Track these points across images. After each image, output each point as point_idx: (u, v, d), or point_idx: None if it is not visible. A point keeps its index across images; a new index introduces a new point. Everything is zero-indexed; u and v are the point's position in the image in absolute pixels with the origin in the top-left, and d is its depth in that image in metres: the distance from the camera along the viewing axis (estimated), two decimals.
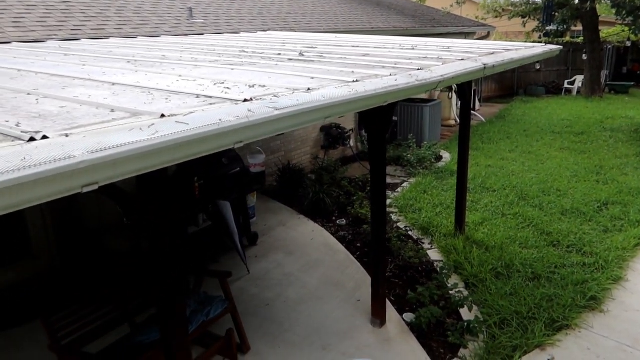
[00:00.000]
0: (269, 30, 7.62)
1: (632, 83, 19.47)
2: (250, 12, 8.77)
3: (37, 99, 1.88)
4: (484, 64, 3.27)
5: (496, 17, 20.30)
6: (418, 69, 2.71)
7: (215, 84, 2.14)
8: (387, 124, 3.69)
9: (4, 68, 2.93)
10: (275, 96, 1.79)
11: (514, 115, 15.02)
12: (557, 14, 17.05)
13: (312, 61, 3.12)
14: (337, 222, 7.15)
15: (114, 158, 1.19)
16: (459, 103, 13.46)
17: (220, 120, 1.44)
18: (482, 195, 7.88)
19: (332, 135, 9.94)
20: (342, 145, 10.07)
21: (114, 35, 5.66)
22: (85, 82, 2.29)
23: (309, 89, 1.93)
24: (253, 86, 2.06)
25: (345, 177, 8.78)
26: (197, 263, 5.61)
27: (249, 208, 6.66)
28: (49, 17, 5.76)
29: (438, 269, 5.59)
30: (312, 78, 2.24)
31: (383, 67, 2.91)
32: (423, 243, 6.38)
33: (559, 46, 5.30)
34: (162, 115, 1.49)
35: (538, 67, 19.40)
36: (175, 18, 7.08)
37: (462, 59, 3.29)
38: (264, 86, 2.06)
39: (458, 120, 13.52)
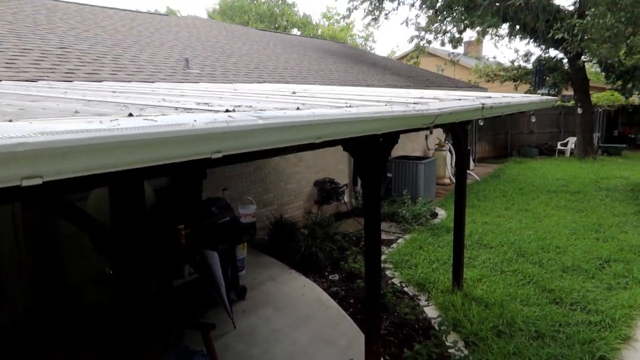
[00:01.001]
0: (264, 82, 7.66)
1: (625, 145, 19.76)
2: (246, 66, 8.88)
3: None
4: (482, 104, 3.18)
5: (488, 80, 20.88)
6: (415, 103, 2.61)
7: (198, 104, 2.00)
8: (382, 166, 3.54)
9: None
10: (261, 110, 1.64)
11: (508, 174, 15.03)
12: (548, 77, 17.53)
13: (305, 97, 3.02)
14: (330, 277, 6.86)
15: (63, 145, 1.00)
16: (454, 162, 13.51)
17: (195, 121, 1.27)
18: (479, 252, 7.65)
19: (325, 190, 9.81)
20: (335, 201, 9.92)
21: (107, 79, 5.62)
22: (59, 99, 2.15)
23: (298, 108, 1.79)
24: (239, 105, 1.91)
25: (338, 232, 8.56)
26: (180, 315, 5.27)
27: (238, 260, 6.39)
28: (43, 60, 5.74)
29: (436, 326, 5.27)
30: (303, 104, 2.11)
31: (378, 101, 2.81)
32: (419, 299, 6.08)
33: (554, 97, 5.31)
34: (130, 115, 1.33)
35: (533, 120, 19.64)
36: (171, 67, 7.11)
37: (459, 99, 3.22)
38: (251, 106, 1.92)
39: (453, 179, 13.52)
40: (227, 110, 1.54)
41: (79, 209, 1.97)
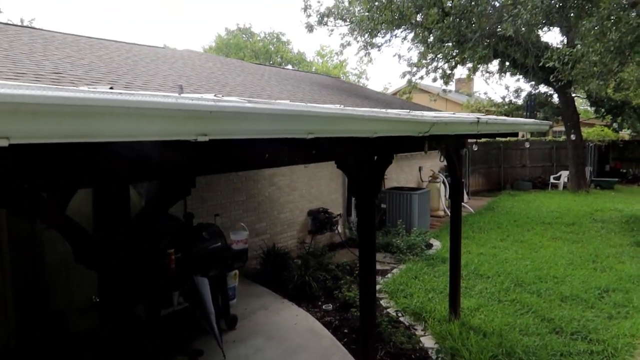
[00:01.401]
0: None
1: (617, 179, 19.89)
2: (241, 94, 8.89)
3: None
4: (478, 117, 3.15)
5: None
6: (409, 111, 2.56)
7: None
8: (377, 186, 3.47)
9: None
10: (252, 98, 1.58)
11: (502, 207, 15.00)
12: (539, 112, 17.77)
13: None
14: (323, 307, 6.68)
15: (35, 102, 0.91)
16: (447, 194, 13.48)
17: (179, 95, 1.20)
18: (475, 282, 7.51)
19: (319, 219, 9.71)
20: (329, 231, 9.80)
21: None
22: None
23: (290, 100, 1.73)
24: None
25: (332, 262, 8.40)
26: (168, 343, 5.06)
27: (229, 288, 6.21)
28: (37, 83, 5.69)
29: (433, 356, 5.09)
30: (299, 103, 2.06)
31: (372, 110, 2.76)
32: (416, 329, 5.90)
33: (548, 121, 5.33)
34: (111, 88, 1.26)
35: (527, 145, 19.75)
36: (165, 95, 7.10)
37: (455, 113, 3.18)
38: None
39: (447, 211, 13.45)
40: (215, 95, 1.47)
41: (59, 210, 1.87)
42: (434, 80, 17.40)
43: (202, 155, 1.90)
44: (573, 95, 16.45)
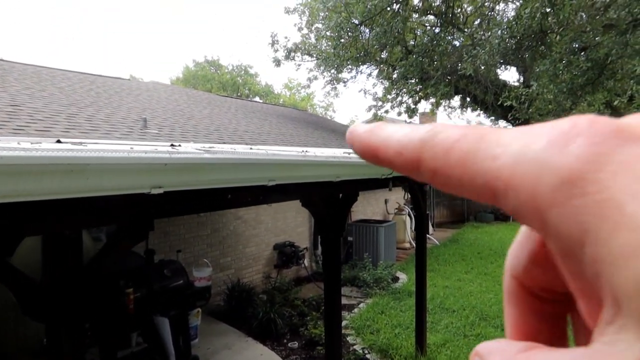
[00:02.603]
0: (224, 143, 7.61)
1: None
2: (206, 128, 8.84)
3: None
4: None
5: None
6: None
7: (144, 139, 1.89)
8: (342, 224, 3.46)
9: None
10: (211, 147, 1.55)
11: (466, 239, 15.22)
12: None
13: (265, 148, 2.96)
14: (289, 344, 6.53)
15: None
16: (413, 226, 13.60)
17: (131, 148, 1.16)
18: (441, 316, 7.52)
19: (285, 253, 9.60)
20: (296, 265, 9.70)
21: (60, 136, 5.42)
22: None
23: (251, 148, 1.71)
24: (191, 146, 1.82)
25: (298, 297, 8.28)
26: None
27: (191, 327, 6.01)
28: None
29: None
30: (259, 149, 2.04)
31: (335, 151, 2.77)
32: None
33: None
34: (58, 141, 1.20)
35: None
36: (128, 127, 6.97)
37: None
38: (204, 146, 1.83)
39: (413, 243, 13.54)
40: (172, 145, 1.44)
41: (2, 260, 1.77)
42: (399, 114, 17.76)
43: (160, 201, 1.84)
44: None
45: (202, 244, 7.95)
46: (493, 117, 17.89)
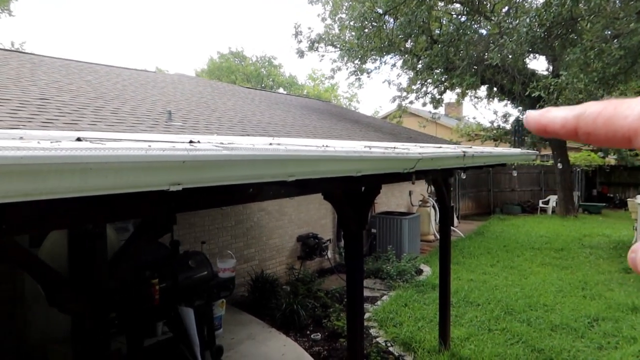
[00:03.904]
0: (247, 135, 7.64)
1: (604, 204, 20.04)
2: (230, 120, 8.90)
3: None
4: (464, 151, 3.14)
5: (469, 140, 21.32)
6: (394, 147, 2.54)
7: (162, 137, 1.90)
8: (364, 217, 3.43)
9: None
10: (230, 143, 1.55)
11: (492, 231, 15.00)
12: (526, 137, 17.95)
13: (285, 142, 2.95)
14: (312, 336, 6.56)
15: None
16: (437, 218, 13.48)
17: (149, 146, 1.16)
18: (465, 310, 7.43)
19: (309, 245, 9.62)
20: (319, 256, 9.71)
21: (86, 129, 5.53)
22: (15, 136, 2.03)
23: (270, 144, 1.70)
24: (209, 141, 1.82)
25: (321, 289, 8.30)
26: None
27: (215, 318, 6.09)
28: (21, 110, 5.65)
29: None
30: (279, 144, 2.02)
31: (356, 145, 2.74)
32: None
33: (534, 151, 5.36)
34: (78, 139, 1.21)
35: (515, 175, 19.89)
36: (154, 120, 7.07)
37: (440, 147, 3.18)
38: (221, 143, 1.82)
39: (437, 236, 13.41)
40: (190, 142, 1.44)
41: (29, 252, 1.81)
42: (424, 104, 17.58)
43: (182, 195, 1.84)
44: None
45: (227, 235, 8.03)
46: (521, 107, 17.52)
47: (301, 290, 7.93)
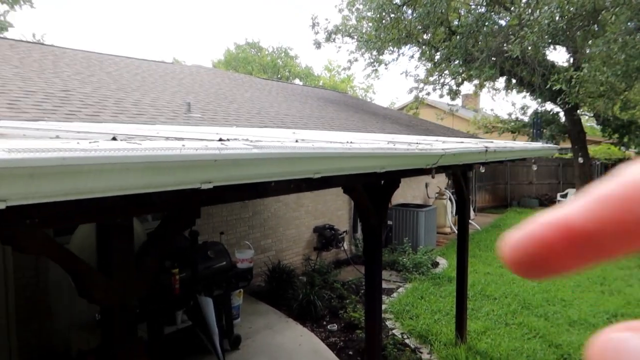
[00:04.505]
0: (265, 127, 7.68)
1: None
2: (248, 112, 8.94)
3: None
4: (486, 147, 3.13)
5: (486, 132, 21.08)
6: (417, 143, 2.55)
7: (191, 133, 1.93)
8: (384, 210, 3.44)
9: None
10: (258, 141, 1.57)
11: (509, 224, 14.87)
12: (545, 130, 17.69)
13: (306, 138, 2.97)
14: (328, 327, 6.61)
15: (31, 165, 0.90)
16: (454, 210, 13.40)
17: (183, 145, 1.19)
18: (482, 303, 7.42)
19: (325, 236, 9.66)
20: (335, 247, 9.75)
21: (108, 121, 5.62)
22: (47, 130, 2.08)
23: (297, 141, 1.72)
24: (236, 138, 1.85)
25: (337, 280, 8.35)
26: None
27: (234, 307, 6.18)
28: (45, 102, 5.76)
29: None
30: (303, 139, 2.04)
31: (379, 141, 2.75)
32: (421, 352, 5.82)
33: (555, 145, 5.30)
34: (114, 139, 1.24)
35: (535, 168, 19.64)
36: (173, 111, 7.14)
37: (462, 142, 3.17)
38: (247, 139, 1.85)
39: (453, 228, 13.36)
40: (220, 140, 1.46)
41: (60, 245, 1.86)
42: (441, 96, 17.41)
43: (211, 190, 1.88)
44: (580, 114, 16.40)
45: (244, 226, 8.10)
46: (540, 100, 17.25)
47: (317, 281, 7.98)
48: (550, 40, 9.20)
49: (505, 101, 78.90)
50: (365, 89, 38.00)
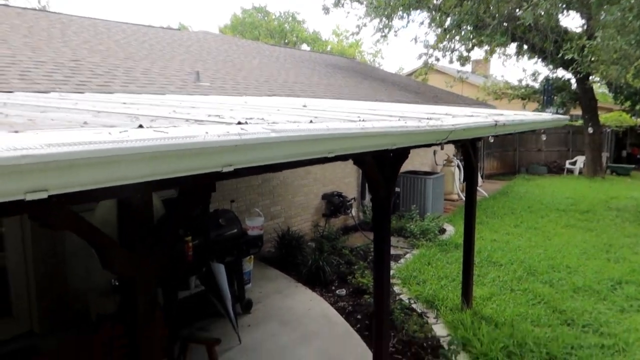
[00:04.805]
0: (274, 95, 7.68)
1: (633, 166, 19.60)
2: (257, 80, 8.92)
3: (6, 115, 1.71)
4: (495, 121, 3.15)
5: (496, 98, 20.85)
6: (428, 118, 2.58)
7: (209, 115, 1.99)
8: (392, 181, 3.51)
9: None
10: (274, 122, 1.62)
11: (517, 191, 14.91)
12: (556, 97, 17.46)
13: (316, 110, 3.00)
14: (337, 291, 6.79)
15: (69, 158, 0.98)
16: (462, 177, 13.43)
17: (206, 133, 1.25)
18: (488, 269, 7.55)
19: (333, 203, 9.77)
20: (343, 214, 9.87)
21: (119, 91, 5.66)
22: (69, 110, 2.14)
23: (311, 121, 1.77)
24: (251, 118, 1.90)
25: (346, 246, 8.51)
26: (184, 329, 5.22)
27: (245, 273, 6.34)
28: (56, 72, 5.79)
29: (445, 345, 5.18)
30: (316, 117, 2.09)
31: (390, 115, 2.78)
32: (428, 317, 5.99)
33: (566, 116, 5.28)
34: (140, 126, 1.31)
35: (544, 138, 19.51)
36: (182, 80, 7.15)
37: (472, 115, 3.19)
38: (263, 118, 1.90)
39: (461, 195, 13.43)
40: (239, 123, 1.52)
41: (85, 221, 1.95)
42: (450, 62, 17.18)
43: (225, 173, 1.95)
44: (592, 81, 16.12)
45: (254, 194, 8.21)
46: (551, 66, 16.97)
47: (326, 247, 8.14)
48: (564, 6, 8.98)
49: (515, 67, 77.37)
50: (373, 54, 37.44)
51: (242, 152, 1.36)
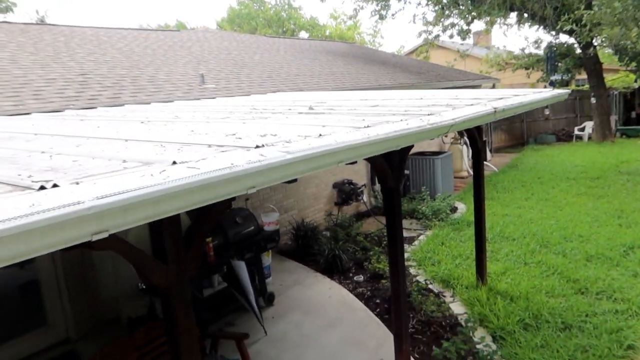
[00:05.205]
0: (278, 91, 7.82)
1: None
2: (260, 76, 9.05)
3: (50, 156, 1.89)
4: (494, 108, 3.28)
5: (500, 70, 20.74)
6: (429, 114, 2.72)
7: (227, 136, 2.15)
8: (400, 171, 3.65)
9: (21, 133, 3.00)
10: (287, 142, 1.79)
11: (526, 163, 14.95)
12: (560, 63, 17.35)
13: (322, 113, 3.15)
14: (355, 278, 6.98)
15: (124, 204, 1.16)
16: (470, 154, 13.50)
17: (232, 164, 1.42)
18: (501, 245, 7.69)
19: (344, 191, 9.93)
20: (355, 201, 10.04)
21: (129, 102, 5.83)
22: (99, 140, 2.32)
23: (320, 135, 1.92)
24: (264, 135, 2.06)
25: (360, 233, 8.68)
26: (213, 325, 5.45)
27: (264, 267, 6.55)
28: (67, 88, 5.98)
29: (462, 323, 5.36)
30: (324, 126, 2.25)
31: (393, 114, 2.92)
32: (444, 296, 6.17)
33: (567, 90, 5.35)
34: (174, 162, 1.48)
35: (547, 112, 19.50)
36: (188, 84, 7.31)
37: (472, 104, 3.32)
38: (276, 135, 2.06)
39: (470, 172, 13.51)
40: (257, 146, 1.68)
41: (125, 241, 2.12)
42: (451, 37, 17.12)
43: None
44: (596, 44, 15.96)
45: (266, 189, 8.38)
46: (553, 32, 16.83)
47: (341, 235, 8.33)
48: None
49: (517, 36, 76.23)
50: (372, 34, 37.21)
51: (263, 175, 1.53)
